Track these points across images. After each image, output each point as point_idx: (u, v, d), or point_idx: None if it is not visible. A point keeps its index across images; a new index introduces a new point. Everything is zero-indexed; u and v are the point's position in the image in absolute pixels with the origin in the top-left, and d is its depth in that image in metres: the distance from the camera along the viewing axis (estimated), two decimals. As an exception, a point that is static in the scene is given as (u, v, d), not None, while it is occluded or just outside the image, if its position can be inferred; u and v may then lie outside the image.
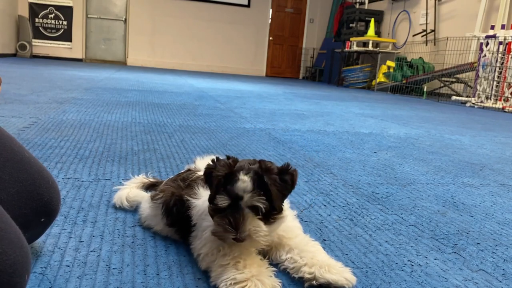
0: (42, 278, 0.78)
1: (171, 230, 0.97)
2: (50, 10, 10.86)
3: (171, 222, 0.95)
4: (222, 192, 0.78)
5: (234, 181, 0.78)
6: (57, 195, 0.83)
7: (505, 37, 5.99)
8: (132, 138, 2.11)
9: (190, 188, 0.95)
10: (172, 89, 5.15)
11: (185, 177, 1.01)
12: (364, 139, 2.62)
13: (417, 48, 8.87)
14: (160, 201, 0.97)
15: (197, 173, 1.01)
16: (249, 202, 0.78)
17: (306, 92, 6.65)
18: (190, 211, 0.90)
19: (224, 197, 0.78)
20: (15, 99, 3.13)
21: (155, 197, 1.00)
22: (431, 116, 4.48)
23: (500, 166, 2.12)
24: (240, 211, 0.77)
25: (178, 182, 1.00)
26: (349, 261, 0.95)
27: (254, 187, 0.78)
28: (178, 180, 1.01)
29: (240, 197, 0.77)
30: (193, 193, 0.92)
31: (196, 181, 0.96)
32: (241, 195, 0.77)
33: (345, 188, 1.53)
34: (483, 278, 0.92)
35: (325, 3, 12.72)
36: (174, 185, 1.00)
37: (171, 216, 0.94)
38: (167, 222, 0.95)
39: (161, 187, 1.03)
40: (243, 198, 0.77)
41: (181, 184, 0.98)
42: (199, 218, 0.88)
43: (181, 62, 12.01)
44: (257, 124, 2.88)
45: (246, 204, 0.78)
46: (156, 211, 0.98)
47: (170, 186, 1.00)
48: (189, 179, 0.99)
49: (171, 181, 1.03)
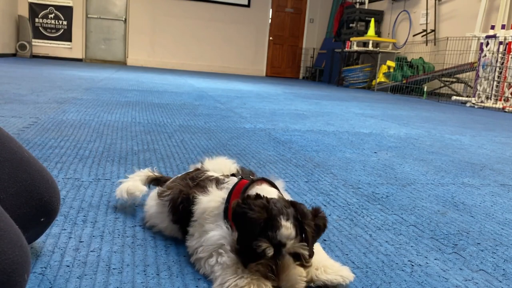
0: (42, 278, 0.78)
1: (175, 228, 0.96)
2: (50, 10, 10.86)
3: (177, 219, 0.94)
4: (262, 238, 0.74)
5: (276, 227, 0.75)
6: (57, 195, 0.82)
7: (505, 37, 5.99)
8: (132, 138, 2.11)
9: (199, 187, 0.94)
10: (172, 89, 5.15)
11: (194, 176, 1.01)
12: (364, 139, 2.62)
13: (417, 48, 8.87)
14: (167, 198, 0.97)
15: (207, 173, 1.00)
16: (293, 249, 0.75)
17: (306, 92, 6.65)
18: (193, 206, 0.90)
19: (268, 245, 0.74)
20: (15, 99, 3.13)
21: (162, 194, 1.00)
22: (431, 116, 4.47)
23: (500, 166, 2.11)
24: (282, 258, 0.75)
25: (187, 181, 0.99)
26: (349, 261, 0.94)
27: (297, 234, 0.76)
28: (187, 179, 1.01)
29: (283, 244, 0.75)
30: (201, 191, 0.92)
31: (205, 181, 0.96)
32: (284, 242, 0.75)
33: (345, 188, 1.53)
34: (483, 278, 0.91)
35: (325, 3, 12.71)
36: (183, 183, 0.99)
37: (177, 213, 0.94)
38: (172, 218, 0.95)
39: (169, 185, 1.03)
40: (286, 245, 0.75)
41: (190, 183, 0.98)
42: (201, 216, 0.88)
43: (181, 62, 12.01)
44: (257, 124, 2.88)
45: (289, 251, 0.76)
46: (163, 209, 0.98)
47: (179, 184, 1.00)
48: (198, 179, 0.98)
49: (180, 179, 1.03)
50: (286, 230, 0.74)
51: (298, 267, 0.76)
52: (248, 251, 0.75)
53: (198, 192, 0.92)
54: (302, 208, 0.80)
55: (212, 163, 1.12)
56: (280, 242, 0.74)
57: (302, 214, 0.79)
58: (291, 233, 0.75)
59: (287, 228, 0.75)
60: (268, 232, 0.74)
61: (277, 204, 0.78)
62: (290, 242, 0.75)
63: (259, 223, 0.75)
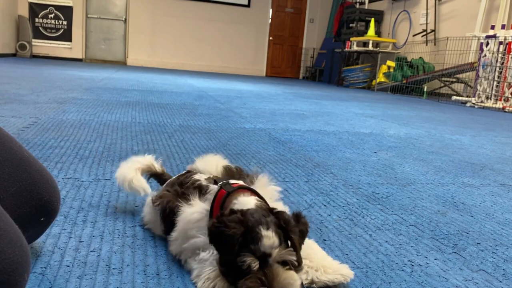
0: (42, 278, 0.78)
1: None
2: (50, 10, 10.86)
3: (167, 230, 0.94)
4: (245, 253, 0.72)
5: (256, 239, 0.72)
6: (56, 195, 0.82)
7: (505, 37, 5.99)
8: (132, 138, 2.11)
9: (184, 196, 0.93)
10: (172, 89, 5.15)
11: (182, 181, 1.00)
12: (364, 139, 2.62)
13: (417, 48, 8.87)
14: (158, 208, 0.97)
15: (193, 176, 1.00)
16: (280, 258, 0.74)
17: (306, 92, 6.65)
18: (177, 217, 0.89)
19: (252, 258, 0.72)
20: (15, 99, 3.13)
21: (155, 202, 0.99)
22: (431, 116, 4.47)
23: (500, 166, 2.11)
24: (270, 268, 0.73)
25: (175, 187, 0.99)
26: (349, 261, 0.94)
27: (281, 242, 0.74)
28: (176, 185, 1.00)
29: (268, 254, 0.73)
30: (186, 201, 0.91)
31: (190, 187, 0.95)
32: (269, 252, 0.73)
33: (345, 188, 1.53)
34: (483, 278, 0.91)
35: (325, 3, 12.72)
36: (171, 190, 0.99)
37: (167, 224, 0.94)
38: (164, 229, 0.95)
39: (160, 192, 1.02)
40: (271, 255, 0.73)
41: (178, 189, 0.97)
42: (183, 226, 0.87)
43: (181, 62, 12.01)
44: (257, 124, 2.88)
45: (275, 260, 0.74)
46: (156, 217, 0.98)
47: (167, 192, 0.99)
48: (185, 184, 0.98)
49: (170, 186, 1.02)
50: (268, 240, 0.73)
51: (289, 271, 0.74)
52: (234, 269, 0.73)
53: (183, 202, 0.91)
54: (284, 215, 0.78)
55: (202, 162, 1.12)
56: (265, 253, 0.72)
57: (285, 221, 0.77)
58: (274, 242, 0.73)
59: (269, 237, 0.73)
60: (250, 245, 0.72)
61: (254, 215, 0.76)
62: (275, 251, 0.73)
63: (237, 238, 0.73)
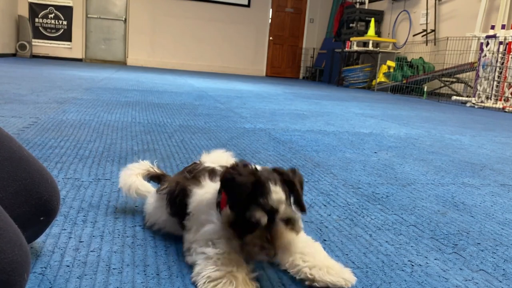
0: (42, 278, 0.78)
1: (174, 221, 0.96)
2: (50, 10, 10.86)
3: (174, 212, 0.94)
4: (255, 206, 0.74)
5: (265, 193, 0.75)
6: (56, 194, 0.82)
7: (505, 37, 5.99)
8: (132, 138, 2.11)
9: (195, 179, 0.94)
10: (172, 89, 5.15)
11: (191, 169, 1.01)
12: (364, 139, 2.62)
13: (417, 48, 8.87)
14: (165, 191, 0.97)
15: (203, 165, 1.01)
16: (285, 215, 0.76)
17: (306, 92, 6.65)
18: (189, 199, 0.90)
19: (262, 213, 0.74)
20: (15, 99, 3.13)
21: (161, 188, 1.00)
22: (431, 116, 4.47)
23: (500, 166, 2.11)
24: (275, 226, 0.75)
25: (184, 174, 1.00)
26: (349, 261, 0.94)
27: (286, 198, 0.77)
28: (184, 172, 1.01)
29: (275, 210, 0.75)
30: (197, 183, 0.92)
31: (201, 172, 0.96)
32: (276, 207, 0.75)
33: (345, 188, 1.53)
34: (484, 278, 0.91)
35: (325, 3, 12.71)
36: (180, 176, 1.00)
37: (174, 205, 0.94)
38: (170, 211, 0.95)
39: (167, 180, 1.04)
40: (279, 211, 0.75)
41: (187, 175, 0.98)
42: (196, 208, 0.88)
43: (181, 62, 12.01)
44: (257, 124, 2.88)
45: (281, 217, 0.75)
46: (161, 202, 0.98)
47: (176, 177, 1.01)
48: (195, 171, 0.98)
49: (178, 174, 1.04)
50: (276, 195, 0.76)
51: (291, 232, 0.78)
52: (242, 222, 0.76)
53: (194, 184, 0.92)
54: (283, 170, 0.83)
55: (210, 157, 1.13)
56: (273, 208, 0.75)
57: (286, 175, 0.81)
58: (281, 197, 0.76)
59: (277, 192, 0.76)
60: (259, 199, 0.75)
61: (263, 172, 0.80)
62: (282, 206, 0.75)
63: (248, 186, 0.76)
